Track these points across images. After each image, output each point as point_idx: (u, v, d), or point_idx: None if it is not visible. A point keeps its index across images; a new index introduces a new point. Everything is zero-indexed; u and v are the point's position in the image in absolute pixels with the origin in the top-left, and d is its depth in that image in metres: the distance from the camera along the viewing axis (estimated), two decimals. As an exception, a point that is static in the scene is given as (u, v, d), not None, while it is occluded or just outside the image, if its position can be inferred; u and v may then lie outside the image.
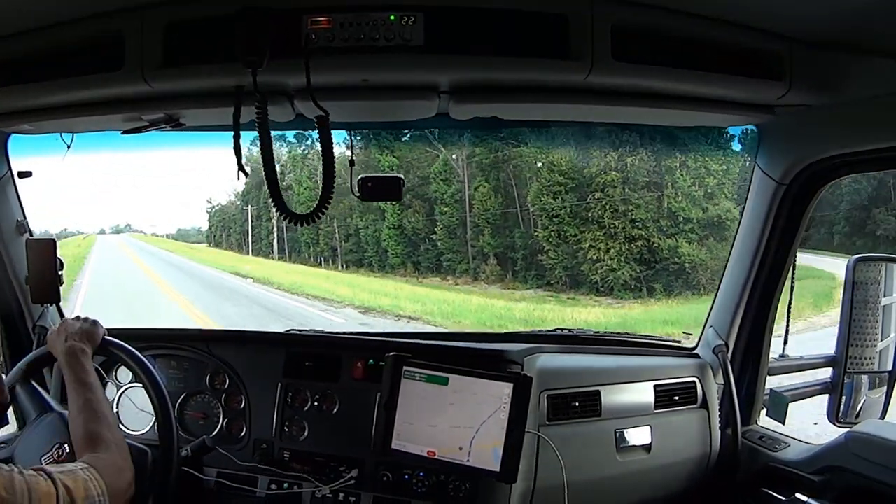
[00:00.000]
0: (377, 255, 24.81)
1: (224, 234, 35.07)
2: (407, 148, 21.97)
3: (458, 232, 22.68)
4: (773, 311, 2.43)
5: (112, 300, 16.76)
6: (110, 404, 1.97)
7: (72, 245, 39.06)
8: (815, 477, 2.16)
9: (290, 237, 28.96)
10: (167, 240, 41.49)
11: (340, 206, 25.77)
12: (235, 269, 26.14)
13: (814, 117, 2.03)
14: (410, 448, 2.17)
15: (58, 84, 1.89)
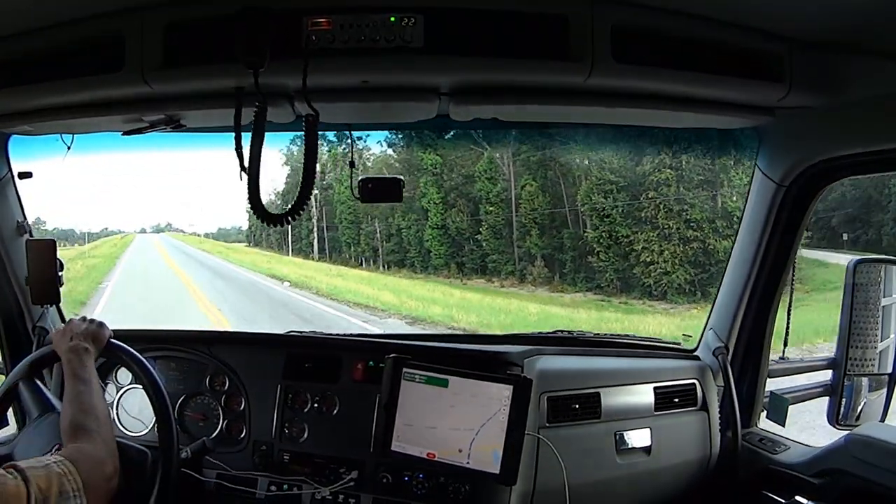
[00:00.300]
0: (420, 256, 24.25)
1: (264, 234, 34.81)
2: (450, 146, 21.15)
3: (504, 232, 22.12)
4: (774, 314, 2.43)
5: (136, 305, 16.35)
6: (104, 399, 1.95)
7: (107, 245, 39.39)
8: (816, 479, 2.16)
9: (331, 237, 28.52)
10: (206, 239, 41.25)
11: (382, 206, 24.75)
12: (272, 271, 25.44)
13: (814, 119, 2.03)
14: (410, 450, 2.17)
15: (58, 85, 1.89)
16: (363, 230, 26.37)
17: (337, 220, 27.78)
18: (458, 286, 21.67)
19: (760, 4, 1.73)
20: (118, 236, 42.97)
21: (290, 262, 28.25)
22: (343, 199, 26.32)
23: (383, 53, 1.76)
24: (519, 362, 2.32)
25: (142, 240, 42.43)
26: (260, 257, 30.98)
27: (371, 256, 26.57)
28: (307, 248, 30.05)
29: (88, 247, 38.50)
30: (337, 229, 28.05)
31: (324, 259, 28.55)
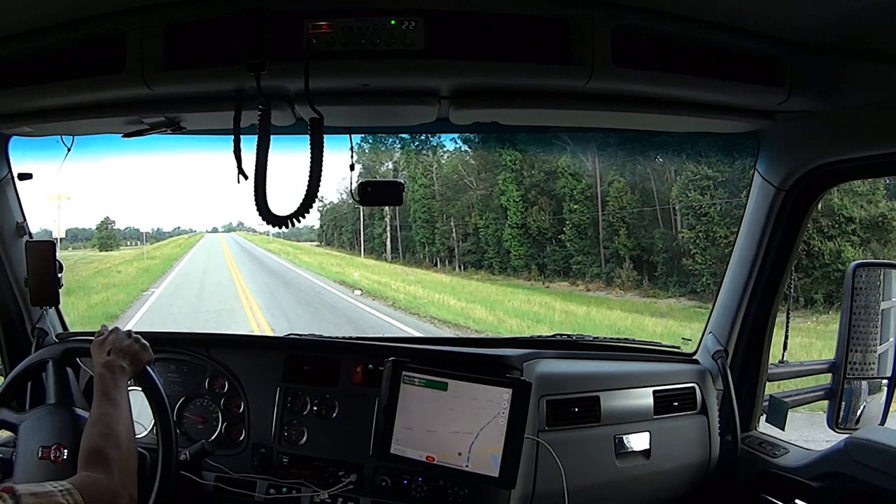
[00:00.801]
0: (498, 257, 23.33)
1: (335, 233, 34.36)
2: (531, 141, 18.70)
3: (590, 232, 21.04)
4: (773, 317, 2.43)
5: (177, 318, 15.34)
6: (132, 424, 1.85)
7: (171, 245, 39.39)
8: (815, 483, 2.16)
9: (405, 236, 27.70)
10: (275, 239, 40.98)
11: (458, 204, 24.85)
12: (341, 276, 23.82)
13: (813, 123, 2.04)
14: (409, 453, 2.16)
15: (58, 86, 1.90)
16: (438, 229, 25.66)
17: (411, 218, 27.12)
18: (540, 290, 20.44)
19: (760, 9, 1.73)
20: (185, 236, 42.69)
21: (361, 265, 26.89)
22: (417, 197, 25.67)
23: (383, 57, 1.76)
24: (518, 366, 2.31)
25: (209, 239, 42.28)
26: (329, 259, 29.48)
27: (446, 257, 25.84)
28: (379, 248, 29.17)
29: (151, 247, 38.45)
30: (410, 228, 27.33)
31: (397, 259, 27.66)
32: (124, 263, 29.52)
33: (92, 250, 37.79)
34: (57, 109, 2.05)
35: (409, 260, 27.16)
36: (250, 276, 24.23)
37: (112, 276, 24.45)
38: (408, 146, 25.11)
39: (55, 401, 2.07)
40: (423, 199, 26.45)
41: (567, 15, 1.77)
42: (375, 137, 24.48)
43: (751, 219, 2.35)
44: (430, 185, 26.63)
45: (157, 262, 30.91)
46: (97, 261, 32.42)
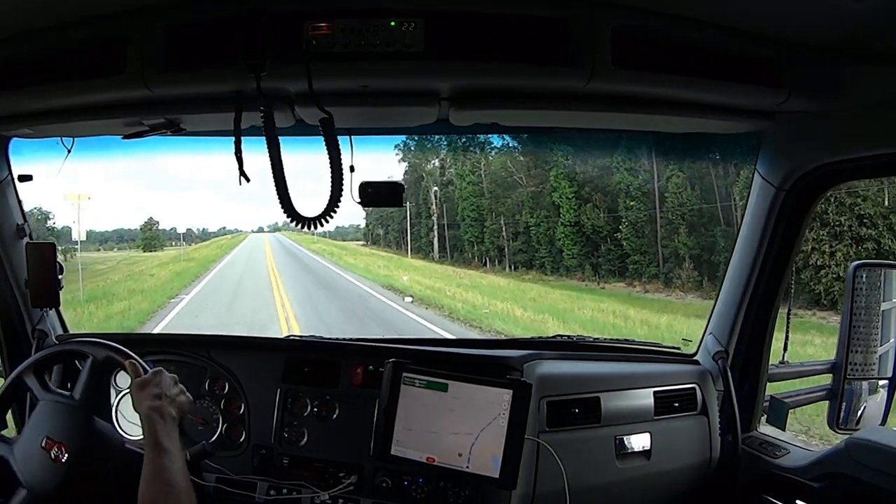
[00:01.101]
0: (550, 256, 22.43)
1: (382, 232, 33.67)
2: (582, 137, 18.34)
3: (647, 230, 20.11)
4: (773, 318, 2.43)
5: (204, 327, 13.91)
6: (186, 472, 1.80)
7: (212, 246, 38.47)
8: (816, 483, 2.16)
9: (452, 235, 26.85)
10: (320, 238, 40.41)
11: (508, 202, 24.09)
12: (389, 280, 22.06)
13: (813, 123, 2.04)
14: (410, 454, 2.16)
15: (58, 88, 1.89)
16: (487, 228, 24.92)
17: (459, 217, 26.38)
18: (596, 291, 19.38)
19: (760, 10, 1.73)
20: (228, 236, 42.19)
21: (410, 267, 25.43)
22: (465, 195, 25.04)
23: (383, 58, 1.76)
24: (519, 367, 2.32)
25: (253, 240, 41.54)
26: (376, 260, 28.36)
27: (496, 256, 25.05)
28: (426, 248, 28.41)
29: (191, 248, 37.87)
30: (459, 227, 26.56)
31: (444, 259, 26.79)
32: (159, 266, 28.71)
33: (136, 251, 37.50)
34: (57, 111, 2.05)
35: (458, 259, 26.33)
36: (290, 281, 22.69)
37: (143, 280, 23.63)
38: (454, 143, 24.27)
39: (80, 401, 2.06)
40: (471, 197, 25.76)
41: (567, 16, 1.77)
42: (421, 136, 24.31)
43: (751, 219, 2.34)
44: (479, 182, 25.94)
45: (193, 264, 29.95)
46: (140, 261, 31.86)
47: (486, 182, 25.91)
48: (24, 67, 1.87)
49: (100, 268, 30.40)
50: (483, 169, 26.03)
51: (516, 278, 22.55)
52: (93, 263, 31.65)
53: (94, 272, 28.09)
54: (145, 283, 22.37)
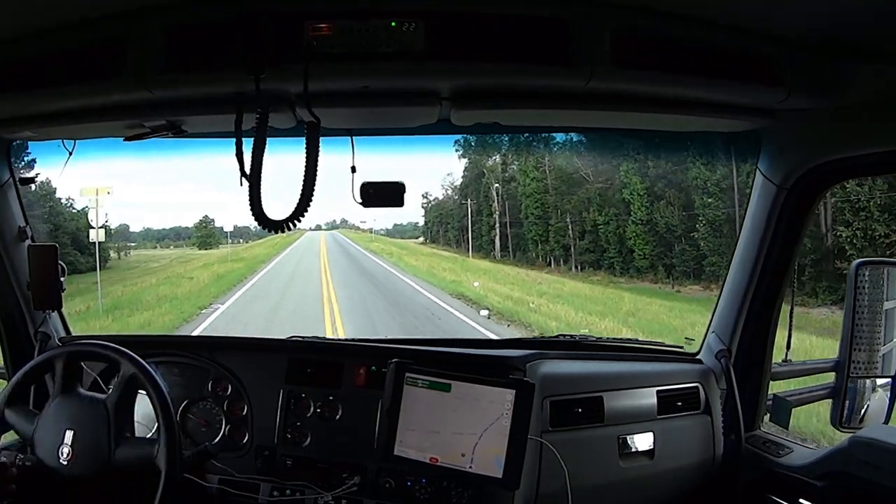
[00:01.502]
0: (619, 256, 21.09)
1: (441, 230, 32.60)
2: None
3: (726, 229, 18.44)
4: (776, 316, 2.43)
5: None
6: None
7: (264, 245, 36.80)
8: (819, 482, 2.16)
9: (515, 233, 25.62)
10: (378, 237, 39.06)
11: (574, 199, 23.05)
12: (458, 287, 19.55)
13: (814, 121, 2.03)
14: (413, 454, 2.16)
15: (59, 90, 1.90)
16: (552, 226, 23.74)
17: (522, 214, 25.28)
18: (672, 295, 18.12)
19: (759, 8, 1.73)
20: (283, 234, 41.93)
21: (477, 270, 23.23)
22: (529, 191, 23.98)
23: (384, 58, 1.76)
24: (521, 366, 2.32)
25: (308, 238, 40.50)
26: (439, 262, 26.06)
27: (561, 255, 23.83)
28: (488, 247, 27.18)
29: (244, 246, 36.62)
30: (521, 225, 25.44)
31: (506, 258, 25.63)
32: (203, 267, 26.98)
33: (190, 249, 37.02)
34: (58, 113, 2.05)
35: (520, 259, 25.15)
36: (345, 287, 19.90)
37: (180, 284, 21.80)
38: (517, 139, 23.63)
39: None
40: (535, 194, 24.59)
41: (567, 15, 1.77)
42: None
43: (753, 217, 2.34)
44: (543, 178, 24.77)
45: (241, 265, 27.93)
46: (194, 259, 31.00)
47: (550, 178, 24.77)
48: (24, 70, 1.87)
49: (153, 265, 29.86)
50: (547, 165, 24.76)
51: (584, 280, 21.54)
52: (147, 261, 31.32)
53: (146, 270, 27.74)
54: (181, 288, 20.89)
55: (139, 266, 29.71)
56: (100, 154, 2.58)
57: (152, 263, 30.12)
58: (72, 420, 2.03)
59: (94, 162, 2.69)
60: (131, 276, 25.12)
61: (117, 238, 29.82)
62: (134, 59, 1.80)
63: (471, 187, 27.78)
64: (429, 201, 33.11)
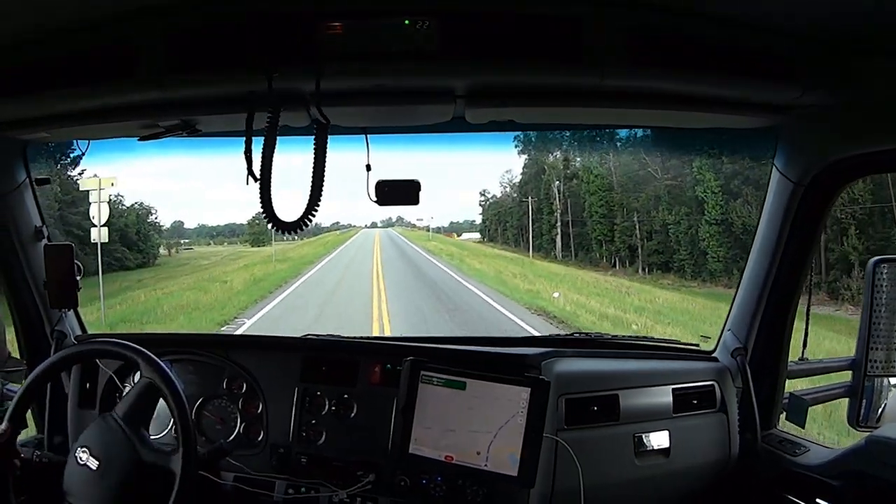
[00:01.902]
0: (691, 258, 19.93)
1: (499, 229, 31.52)
2: None
3: None
4: (793, 314, 2.41)
5: None
6: None
7: (315, 244, 35.69)
8: (836, 482, 2.14)
9: (577, 233, 24.37)
10: (436, 235, 37.84)
11: (642, 197, 22.24)
12: (535, 298, 17.30)
13: (831, 117, 2.02)
14: (428, 453, 2.16)
15: (74, 92, 1.92)
16: (618, 225, 22.82)
17: (586, 213, 24.23)
18: None
19: (774, 4, 1.72)
20: (336, 232, 40.89)
21: (550, 275, 20.55)
22: (593, 189, 22.99)
23: (397, 57, 1.77)
24: (537, 364, 2.32)
25: (363, 236, 39.28)
26: (506, 265, 23.54)
27: (627, 256, 22.82)
28: (548, 246, 25.99)
29: (292, 245, 35.47)
30: (584, 224, 24.34)
31: (568, 259, 24.41)
32: (242, 269, 24.98)
33: (243, 245, 36.92)
34: (73, 114, 2.07)
35: (583, 259, 24.00)
36: (400, 299, 16.97)
37: (208, 290, 19.88)
38: (578, 133, 22.77)
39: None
40: (599, 192, 23.61)
41: (580, 13, 1.77)
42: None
43: (769, 215, 2.33)
44: (608, 175, 23.85)
45: (285, 266, 26.10)
46: (244, 256, 30.18)
47: (616, 175, 23.81)
48: (39, 72, 1.89)
49: (203, 262, 29.48)
50: (612, 160, 23.66)
51: (652, 283, 20.30)
52: (198, 258, 31.02)
53: (195, 267, 27.30)
54: (208, 295, 19.07)
55: (189, 263, 29.18)
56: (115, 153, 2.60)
57: (202, 261, 29.64)
58: (87, 440, 2.03)
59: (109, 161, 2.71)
60: (178, 274, 24.45)
61: (170, 235, 29.71)
62: (148, 60, 1.81)
63: (530, 184, 26.82)
64: (486, 199, 32.31)
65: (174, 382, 2.04)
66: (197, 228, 39.52)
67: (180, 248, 32.36)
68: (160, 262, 27.22)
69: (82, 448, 1.99)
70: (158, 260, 27.46)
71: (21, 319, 2.55)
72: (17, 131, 2.21)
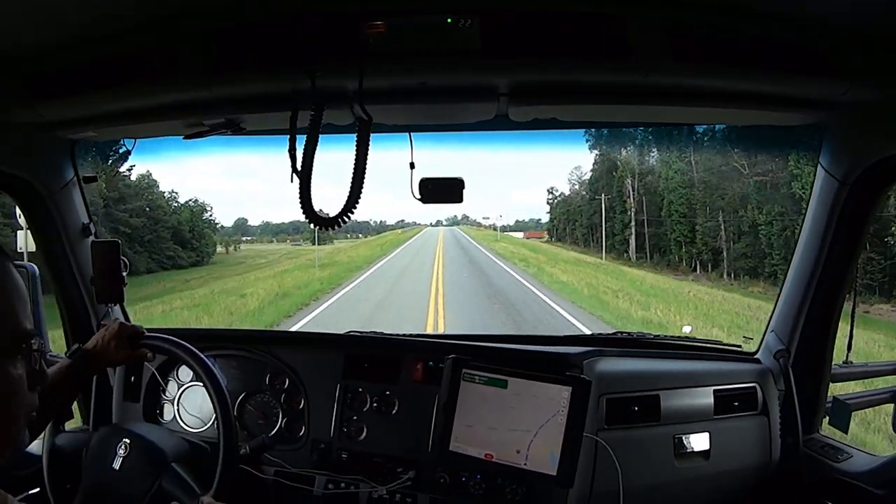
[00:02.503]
0: (785, 264, 13.11)
1: (567, 228, 30.22)
2: None
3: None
4: (837, 316, 2.36)
5: None
6: None
7: (371, 244, 33.44)
8: (879, 490, 2.10)
9: (653, 233, 22.82)
10: (505, 235, 36.26)
11: (727, 195, 20.75)
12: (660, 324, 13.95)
13: (877, 114, 1.98)
14: (468, 450, 2.16)
15: (121, 92, 1.96)
16: (700, 226, 21.53)
17: (664, 212, 22.93)
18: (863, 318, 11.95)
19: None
20: (398, 231, 40.05)
21: (657, 291, 17.32)
22: (672, 185, 21.61)
23: (440, 55, 1.78)
24: (578, 364, 2.31)
25: (424, 236, 37.92)
26: (593, 274, 19.75)
27: (710, 260, 21.05)
28: (620, 247, 24.32)
29: (345, 245, 34.33)
30: (661, 224, 22.86)
31: (643, 261, 22.70)
32: (272, 277, 22.84)
33: (305, 243, 36.65)
34: (120, 114, 2.12)
35: (659, 262, 22.42)
36: (469, 323, 14.04)
37: (212, 309, 17.56)
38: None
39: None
40: (679, 188, 22.13)
41: (624, 10, 1.76)
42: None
43: (814, 214, 2.29)
44: (688, 170, 22.44)
45: (324, 275, 22.50)
46: (303, 253, 28.95)
47: (697, 171, 22.34)
48: (88, 73, 1.94)
49: (261, 261, 29.22)
50: (692, 154, 21.43)
51: (739, 291, 17.59)
52: (255, 256, 30.70)
53: (251, 266, 26.79)
54: (211, 318, 16.71)
55: (245, 262, 28.77)
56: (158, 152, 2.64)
57: (260, 259, 29.21)
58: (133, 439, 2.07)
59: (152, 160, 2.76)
60: (230, 273, 23.59)
61: (233, 232, 29.44)
62: (193, 60, 1.85)
63: (601, 181, 25.47)
64: (554, 196, 31.24)
65: (217, 378, 2.07)
66: (261, 226, 39.31)
67: (239, 245, 32.25)
68: (216, 261, 26.85)
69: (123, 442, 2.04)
70: (214, 258, 27.14)
71: (69, 314, 2.60)
72: (66, 131, 2.25)
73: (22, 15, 1.66)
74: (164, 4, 1.78)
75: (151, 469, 1.97)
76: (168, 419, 2.58)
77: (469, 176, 2.00)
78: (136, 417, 2.55)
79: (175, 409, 2.56)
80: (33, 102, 2.02)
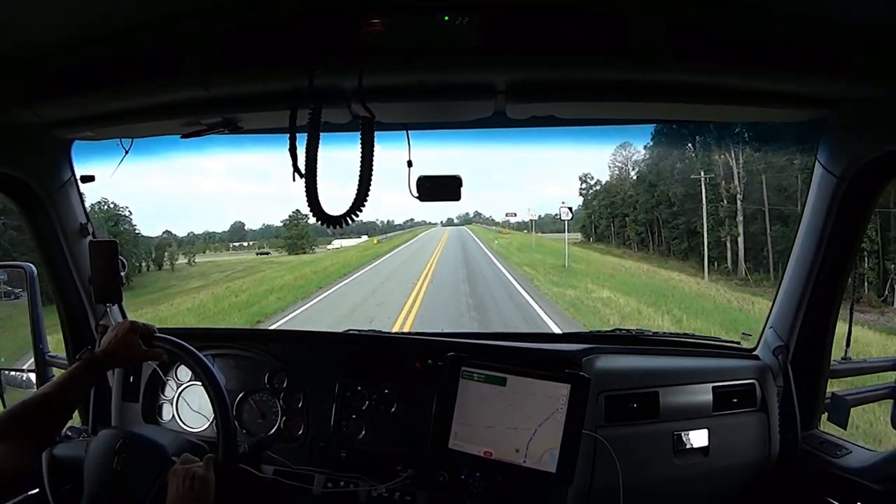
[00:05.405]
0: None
1: (611, 225, 25.02)
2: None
3: None
4: (836, 313, 2.36)
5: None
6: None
7: (359, 248, 29.37)
8: (878, 486, 2.10)
9: (781, 232, 17.94)
10: (519, 234, 32.60)
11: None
12: None
13: (876, 111, 1.98)
14: (467, 448, 2.17)
15: (119, 91, 1.96)
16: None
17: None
18: None
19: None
20: (404, 231, 37.94)
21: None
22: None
23: (438, 53, 1.78)
24: (577, 361, 2.30)
25: (426, 238, 34.95)
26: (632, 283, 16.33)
27: (877, 283, 17.25)
28: (715, 254, 18.72)
29: (334, 250, 30.54)
30: (787, 221, 19.44)
31: (762, 279, 17.98)
32: (220, 298, 19.47)
33: (278, 252, 31.75)
34: (118, 114, 2.11)
35: (762, 277, 17.31)
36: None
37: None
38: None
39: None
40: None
41: (624, 7, 1.76)
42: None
43: (812, 210, 2.28)
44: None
45: (315, 276, 19.07)
46: (276, 264, 26.05)
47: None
48: (85, 73, 1.94)
49: (216, 276, 26.05)
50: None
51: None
52: (210, 271, 27.71)
53: (187, 288, 23.94)
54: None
55: (172, 286, 25.28)
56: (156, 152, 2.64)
57: (217, 274, 25.95)
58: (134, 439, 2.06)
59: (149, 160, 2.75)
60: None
61: (230, 237, 27.58)
62: (191, 59, 1.85)
63: (670, 159, 19.55)
64: (589, 186, 26.13)
65: (216, 377, 2.07)
66: (262, 229, 37.17)
67: (194, 258, 29.96)
68: (134, 285, 23.26)
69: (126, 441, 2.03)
70: (135, 280, 23.58)
71: (67, 314, 2.61)
72: (63, 130, 2.25)
73: (20, 15, 1.66)
74: (161, 4, 1.79)
75: (152, 468, 1.96)
76: (167, 419, 2.58)
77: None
78: (135, 418, 2.55)
79: (174, 409, 2.56)
80: (31, 102, 2.03)
